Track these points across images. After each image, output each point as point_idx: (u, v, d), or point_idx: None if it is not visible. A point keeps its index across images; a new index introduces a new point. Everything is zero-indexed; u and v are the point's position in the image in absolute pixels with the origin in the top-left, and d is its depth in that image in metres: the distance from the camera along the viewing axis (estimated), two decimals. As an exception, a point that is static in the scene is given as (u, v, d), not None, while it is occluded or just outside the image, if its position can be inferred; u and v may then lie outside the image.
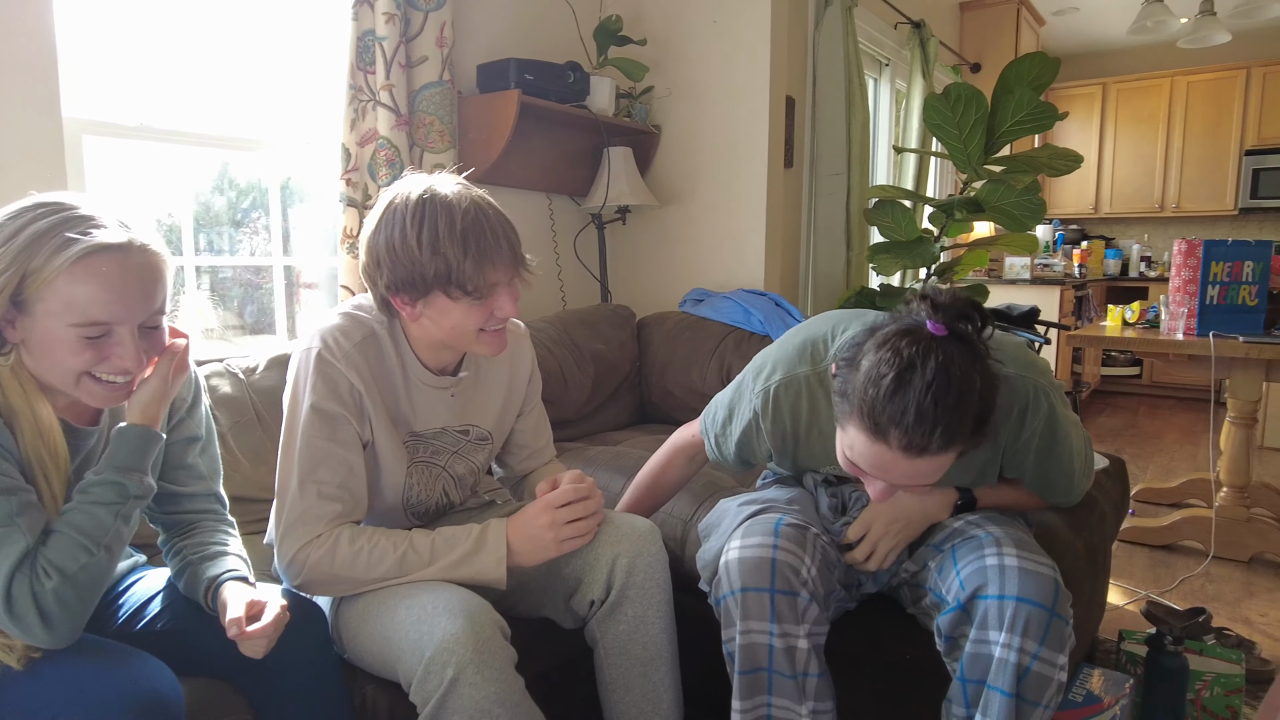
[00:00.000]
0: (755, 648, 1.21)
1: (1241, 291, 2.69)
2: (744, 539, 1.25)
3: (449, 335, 1.21)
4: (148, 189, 1.94)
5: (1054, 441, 1.25)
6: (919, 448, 1.03)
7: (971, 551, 1.21)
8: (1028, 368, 1.23)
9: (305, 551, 1.17)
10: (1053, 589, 1.13)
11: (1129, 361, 6.03)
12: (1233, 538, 2.74)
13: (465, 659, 1.05)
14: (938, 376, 1.01)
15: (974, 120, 2.48)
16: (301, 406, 1.19)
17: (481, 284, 1.15)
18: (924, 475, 1.08)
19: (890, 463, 1.07)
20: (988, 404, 1.06)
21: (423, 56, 2.19)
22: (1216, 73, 5.78)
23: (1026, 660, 1.11)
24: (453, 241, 1.12)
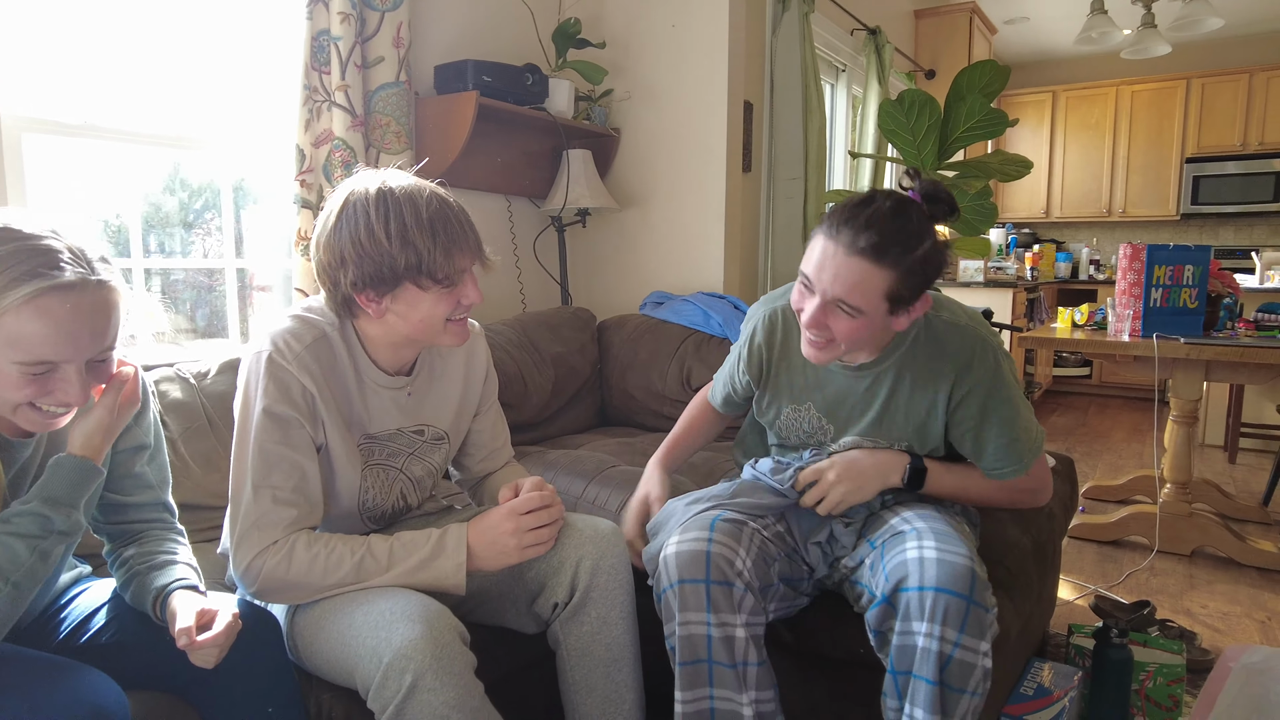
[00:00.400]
0: (694, 639, 1.26)
1: (1182, 294, 2.79)
2: (681, 534, 1.31)
3: (417, 328, 1.20)
4: (94, 189, 1.89)
5: (996, 400, 1.32)
6: (858, 246, 1.17)
7: (896, 545, 1.26)
8: (980, 325, 1.35)
9: (261, 558, 1.14)
10: (969, 577, 1.16)
11: (1079, 362, 6.19)
12: (1175, 532, 2.84)
13: (424, 665, 1.04)
14: (895, 205, 1.20)
15: (928, 126, 2.53)
16: (253, 410, 1.16)
17: (451, 271, 1.15)
18: (852, 281, 1.18)
19: (830, 258, 1.20)
20: (926, 253, 1.21)
21: (379, 57, 2.17)
22: (1158, 83, 5.97)
23: (948, 648, 1.15)
24: (421, 230, 1.12)
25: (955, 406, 1.34)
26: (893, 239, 1.17)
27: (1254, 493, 3.59)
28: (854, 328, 1.23)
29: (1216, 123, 5.82)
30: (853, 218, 1.19)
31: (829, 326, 1.24)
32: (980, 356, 1.31)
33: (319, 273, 1.19)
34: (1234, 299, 2.93)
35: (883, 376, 1.37)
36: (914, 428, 1.38)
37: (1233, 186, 5.78)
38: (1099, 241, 6.60)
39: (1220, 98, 5.79)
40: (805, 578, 1.43)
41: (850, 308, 1.21)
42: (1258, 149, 5.70)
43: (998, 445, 1.35)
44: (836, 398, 1.42)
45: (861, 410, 1.40)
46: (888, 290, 1.19)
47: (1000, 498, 1.43)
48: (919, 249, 1.19)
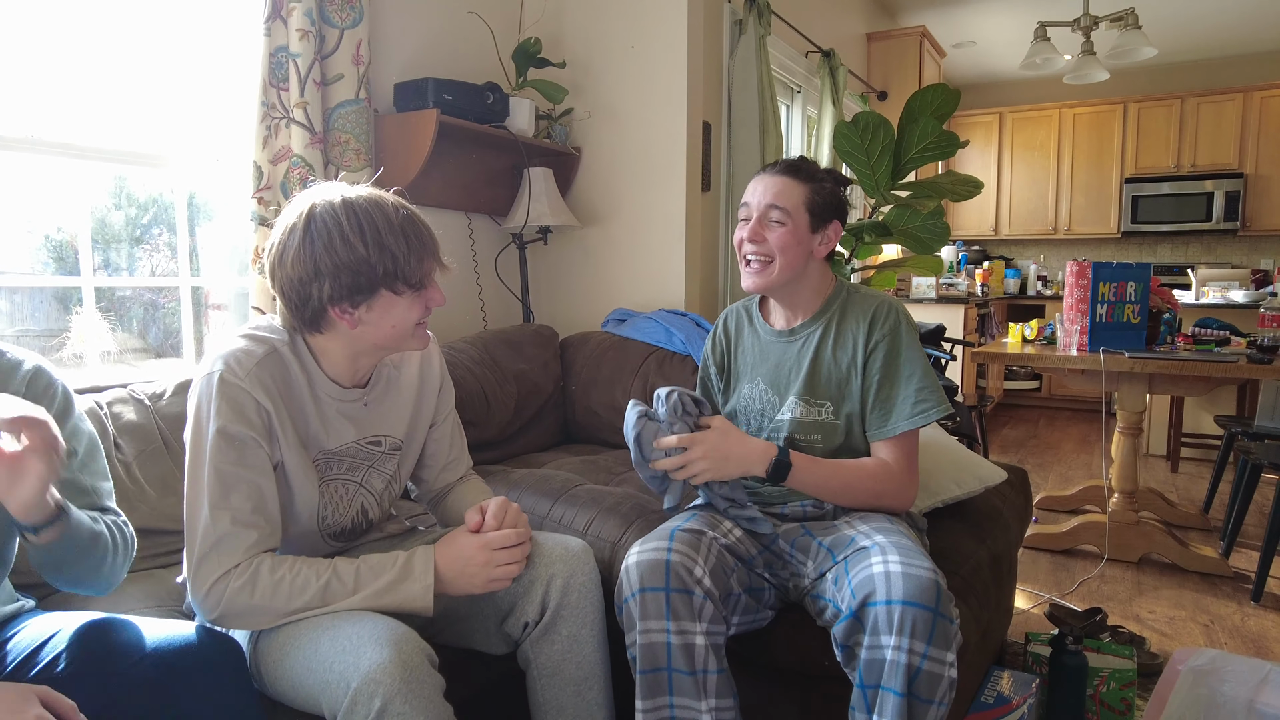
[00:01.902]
0: (654, 647, 1.28)
1: (1126, 310, 2.89)
2: (642, 545, 1.37)
3: (388, 335, 1.20)
4: (39, 205, 1.84)
5: (898, 352, 1.49)
6: (778, 169, 1.52)
7: (860, 561, 1.29)
8: (889, 295, 1.58)
9: (223, 582, 1.11)
10: (934, 590, 1.20)
11: (1029, 376, 6.37)
12: (1124, 540, 2.93)
13: (393, 689, 1.02)
14: (802, 157, 1.58)
15: (882, 148, 2.60)
16: (206, 431, 1.13)
17: (422, 275, 1.18)
18: (778, 189, 1.50)
19: (759, 181, 1.53)
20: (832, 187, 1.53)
21: (338, 74, 2.15)
22: (1097, 106, 6.22)
23: (916, 660, 1.18)
24: (394, 235, 1.13)
25: (867, 358, 1.50)
26: (802, 165, 1.53)
27: (1195, 500, 3.72)
28: (784, 234, 1.48)
29: (1152, 145, 6.08)
30: (772, 163, 1.56)
31: (766, 239, 1.49)
32: (885, 314, 1.51)
33: (285, 289, 1.16)
34: (1173, 314, 3.05)
35: (810, 339, 1.55)
36: (836, 385, 1.52)
37: (1168, 206, 6.03)
38: (1046, 258, 6.81)
39: (1155, 121, 6.05)
40: (765, 588, 1.46)
41: (779, 210, 1.48)
42: (1191, 170, 5.96)
43: (906, 394, 1.47)
44: (777, 366, 1.58)
45: (795, 373, 1.55)
46: (806, 200, 1.50)
47: (863, 493, 1.46)
48: (825, 181, 1.53)
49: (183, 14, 2.01)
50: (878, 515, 1.45)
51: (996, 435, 5.34)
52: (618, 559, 1.63)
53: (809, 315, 1.57)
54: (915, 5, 5.19)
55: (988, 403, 4.17)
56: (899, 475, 1.46)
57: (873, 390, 1.49)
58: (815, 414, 1.52)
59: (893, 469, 1.46)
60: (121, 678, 1.02)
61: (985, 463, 1.93)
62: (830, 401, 1.52)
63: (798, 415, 1.52)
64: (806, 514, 1.52)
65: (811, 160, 1.57)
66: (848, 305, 1.56)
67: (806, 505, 1.52)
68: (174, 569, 1.50)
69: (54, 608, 1.21)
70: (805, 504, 1.52)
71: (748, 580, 1.43)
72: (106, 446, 1.51)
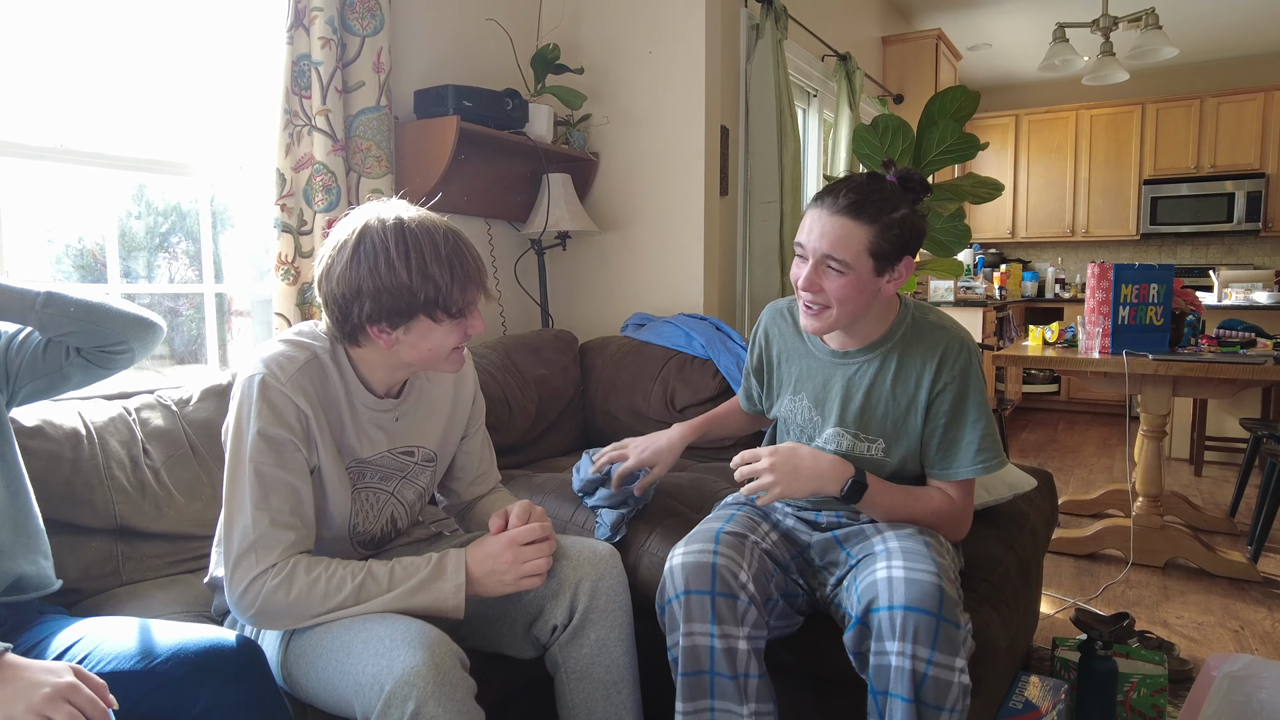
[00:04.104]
0: (697, 650, 1.27)
1: (1149, 312, 2.86)
2: (687, 546, 1.35)
3: (424, 357, 1.22)
4: (67, 214, 1.86)
5: (966, 395, 1.38)
6: (839, 206, 1.30)
7: (867, 566, 1.29)
8: (962, 330, 1.43)
9: (260, 581, 1.12)
10: (936, 595, 1.18)
11: (1048, 379, 6.31)
12: (1149, 545, 2.89)
13: (426, 691, 1.03)
14: (869, 176, 1.35)
15: (901, 150, 2.58)
16: (247, 433, 1.15)
17: (464, 304, 1.19)
18: (836, 236, 1.30)
19: (816, 220, 1.32)
20: (903, 217, 1.32)
21: (360, 81, 2.17)
22: (1115, 107, 6.17)
23: (921, 666, 1.16)
24: (439, 265, 1.15)
25: (932, 400, 1.38)
26: (868, 199, 1.30)
27: (1220, 504, 3.68)
28: (844, 285, 1.31)
29: (1171, 146, 6.02)
30: (834, 188, 1.34)
31: (823, 288, 1.32)
32: (957, 354, 1.38)
33: (329, 302, 1.18)
34: (1197, 316, 3.01)
35: (866, 366, 1.42)
36: (892, 423, 1.41)
37: (1188, 207, 5.97)
38: (1064, 261, 6.76)
39: (1174, 122, 5.99)
40: (799, 594, 1.45)
41: (838, 262, 1.30)
42: (1210, 171, 5.90)
43: (971, 439, 1.38)
44: (824, 387, 1.46)
45: (845, 400, 1.43)
46: (869, 245, 1.29)
47: (923, 523, 1.42)
48: (894, 211, 1.31)
49: (207, 24, 2.03)
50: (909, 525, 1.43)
51: (1016, 439, 5.30)
52: (642, 562, 1.63)
53: (867, 342, 1.42)
54: (930, 8, 5.18)
55: (1007, 406, 4.14)
56: (959, 512, 1.43)
57: (937, 433, 1.39)
58: (864, 449, 1.44)
59: (956, 506, 1.42)
60: (148, 676, 1.03)
61: (1014, 469, 1.92)
62: (883, 439, 1.42)
63: (843, 448, 1.44)
64: (840, 523, 1.50)
65: (881, 181, 1.34)
66: (913, 336, 1.41)
67: (840, 514, 1.50)
68: (201, 574, 1.51)
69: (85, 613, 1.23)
70: (839, 513, 1.50)
71: (784, 585, 1.42)
72: (134, 452, 1.52)
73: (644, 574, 1.59)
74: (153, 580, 1.49)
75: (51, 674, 0.92)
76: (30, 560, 1.19)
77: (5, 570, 1.16)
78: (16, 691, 0.90)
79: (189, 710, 1.02)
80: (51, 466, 1.39)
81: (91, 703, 0.92)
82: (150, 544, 1.50)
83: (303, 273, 2.09)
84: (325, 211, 2.08)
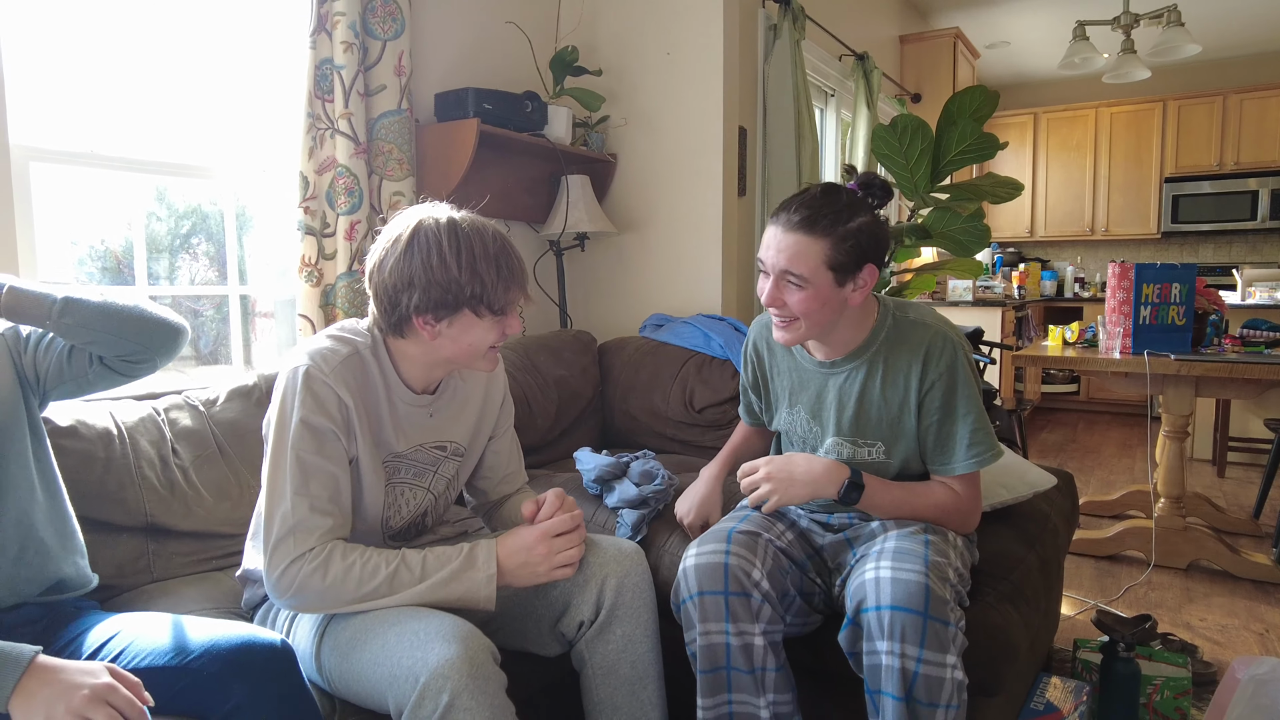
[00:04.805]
0: (714, 647, 1.30)
1: (1171, 312, 2.84)
2: (699, 547, 1.37)
3: (462, 352, 1.26)
4: (96, 216, 1.89)
5: (955, 389, 1.38)
6: (793, 222, 1.31)
7: (859, 567, 1.30)
8: (945, 325, 1.42)
9: (298, 565, 1.15)
10: (922, 594, 1.19)
11: (1067, 379, 6.26)
12: (1171, 546, 2.87)
13: (460, 684, 1.05)
14: (824, 188, 1.36)
15: (920, 150, 2.58)
16: (290, 421, 1.18)
17: (506, 303, 1.24)
18: (792, 252, 1.31)
19: (772, 236, 1.34)
20: (860, 226, 1.32)
21: (381, 85, 2.19)
22: (1136, 105, 6.11)
23: (910, 664, 1.18)
24: (488, 263, 1.20)
25: (922, 399, 1.39)
26: (821, 212, 1.31)
27: (1244, 506, 3.64)
28: (805, 299, 1.33)
29: (1193, 144, 5.96)
30: (788, 203, 1.35)
31: (786, 303, 1.34)
32: (940, 350, 1.38)
33: (378, 292, 1.23)
34: (1220, 315, 2.98)
35: (855, 373, 1.44)
36: (888, 425, 1.42)
37: (1210, 205, 5.90)
38: (1083, 260, 6.71)
39: (1196, 119, 5.93)
40: (817, 592, 1.46)
41: (796, 277, 1.31)
42: (1233, 169, 5.83)
43: (963, 433, 1.39)
44: (818, 398, 1.48)
45: (839, 409, 1.45)
46: (826, 258, 1.31)
47: (929, 519, 1.43)
48: (850, 221, 1.31)
49: (231, 30, 2.06)
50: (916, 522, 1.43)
51: (1035, 439, 5.26)
52: (663, 562, 1.64)
53: (850, 350, 1.44)
54: (948, 6, 5.16)
55: (1026, 406, 4.11)
56: (966, 504, 1.44)
57: (932, 429, 1.41)
58: (864, 454, 1.45)
59: (961, 499, 1.43)
60: (182, 672, 1.05)
61: (1034, 467, 1.91)
62: (881, 441, 1.44)
63: (845, 456, 1.46)
64: (850, 524, 1.51)
65: (836, 193, 1.34)
66: (896, 338, 1.42)
67: (851, 516, 1.51)
68: (230, 571, 1.53)
69: (117, 609, 1.25)
70: (850, 515, 1.51)
71: (801, 583, 1.43)
72: (164, 452, 1.55)
73: (665, 573, 1.60)
74: (182, 577, 1.51)
75: (88, 675, 0.94)
76: (70, 561, 1.22)
77: (50, 572, 1.19)
78: (55, 693, 0.91)
79: (221, 706, 1.04)
80: (85, 465, 1.41)
81: (129, 703, 0.94)
82: (180, 542, 1.53)
83: (325, 274, 2.12)
84: (348, 214, 2.10)
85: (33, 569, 1.17)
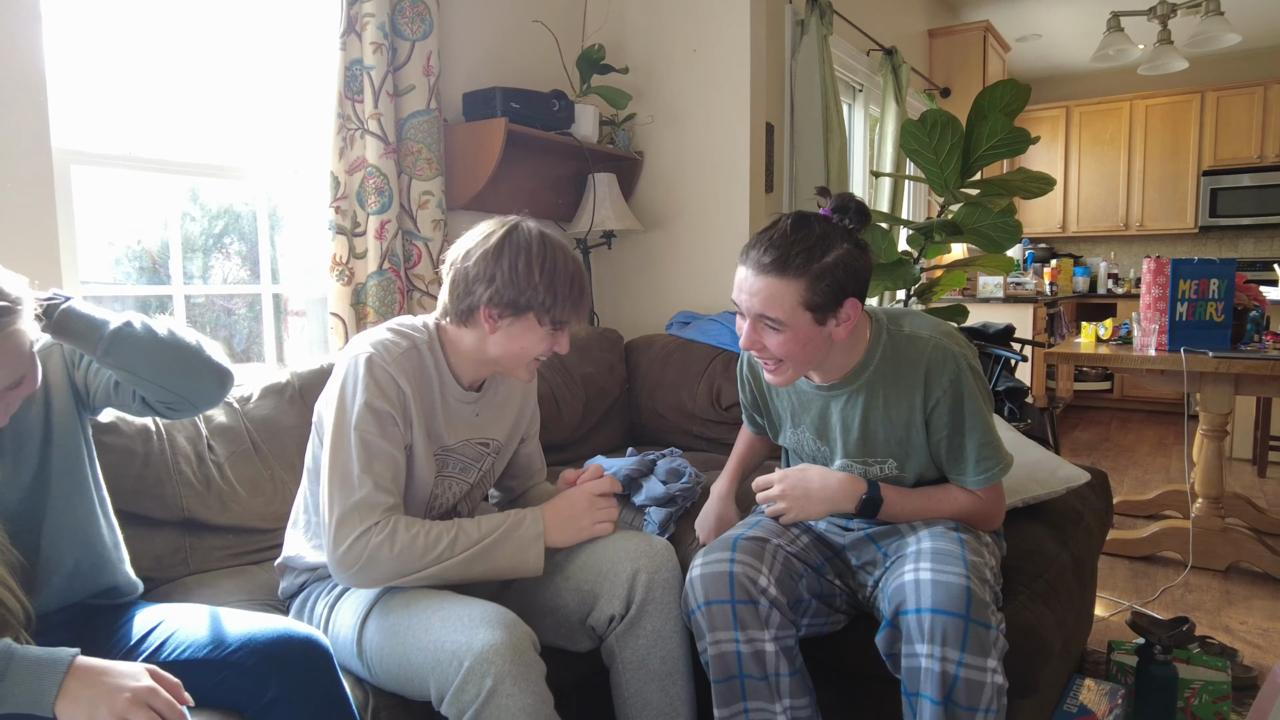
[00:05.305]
0: (725, 656, 1.30)
1: (1209, 308, 2.78)
2: (705, 557, 1.36)
3: (510, 354, 1.32)
4: (133, 217, 1.93)
5: (961, 403, 1.32)
6: (763, 264, 1.24)
7: (897, 568, 1.28)
8: (944, 336, 1.35)
9: (366, 537, 1.19)
10: (964, 597, 1.17)
11: (1100, 376, 6.16)
12: (1209, 548, 2.81)
13: (504, 669, 1.08)
14: (795, 221, 1.27)
15: (950, 145, 2.55)
16: (353, 405, 1.24)
17: (565, 320, 1.32)
18: (765, 295, 1.24)
19: (745, 280, 1.27)
20: (836, 260, 1.24)
21: (410, 85, 2.21)
22: (1173, 96, 5.98)
23: (951, 668, 1.16)
24: (564, 281, 1.29)
25: (929, 416, 1.35)
26: (792, 251, 1.23)
27: (1285, 507, 3.55)
28: (785, 341, 1.27)
29: (1233, 135, 5.82)
30: (757, 241, 1.27)
31: (765, 346, 1.29)
32: (943, 364, 1.32)
33: (456, 279, 1.30)
34: (1260, 312, 2.92)
35: (855, 396, 1.38)
36: (896, 443, 1.38)
37: (1251, 198, 5.76)
38: (1116, 255, 6.59)
39: (1235, 110, 5.79)
40: (837, 593, 1.45)
41: (773, 321, 1.26)
42: (1275, 160, 5.69)
43: (971, 450, 1.35)
44: (821, 420, 1.44)
45: (844, 431, 1.41)
46: (801, 299, 1.24)
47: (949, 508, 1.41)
48: (824, 257, 1.24)
49: (263, 33, 2.09)
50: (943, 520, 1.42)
51: (1067, 438, 5.18)
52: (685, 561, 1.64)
53: (846, 373, 1.38)
54: (978, -1, 5.09)
55: (1058, 404, 4.05)
56: (988, 506, 1.41)
57: (943, 443, 1.36)
58: (877, 470, 1.43)
59: (982, 503, 1.40)
60: (221, 665, 1.07)
61: (1066, 464, 1.88)
62: (892, 458, 1.40)
63: (856, 474, 1.42)
64: (872, 524, 1.49)
65: (807, 226, 1.25)
66: (893, 356, 1.36)
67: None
68: (265, 565, 1.56)
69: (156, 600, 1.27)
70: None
71: (818, 586, 1.42)
72: (200, 448, 1.58)
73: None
74: (218, 570, 1.54)
75: (130, 678, 0.95)
76: (121, 571, 1.24)
77: (103, 581, 1.21)
78: (97, 695, 0.92)
79: (258, 699, 1.05)
80: (124, 461, 1.44)
81: (169, 705, 0.95)
82: (215, 536, 1.56)
83: (356, 273, 2.14)
84: (378, 214, 2.12)
85: (86, 580, 1.19)
